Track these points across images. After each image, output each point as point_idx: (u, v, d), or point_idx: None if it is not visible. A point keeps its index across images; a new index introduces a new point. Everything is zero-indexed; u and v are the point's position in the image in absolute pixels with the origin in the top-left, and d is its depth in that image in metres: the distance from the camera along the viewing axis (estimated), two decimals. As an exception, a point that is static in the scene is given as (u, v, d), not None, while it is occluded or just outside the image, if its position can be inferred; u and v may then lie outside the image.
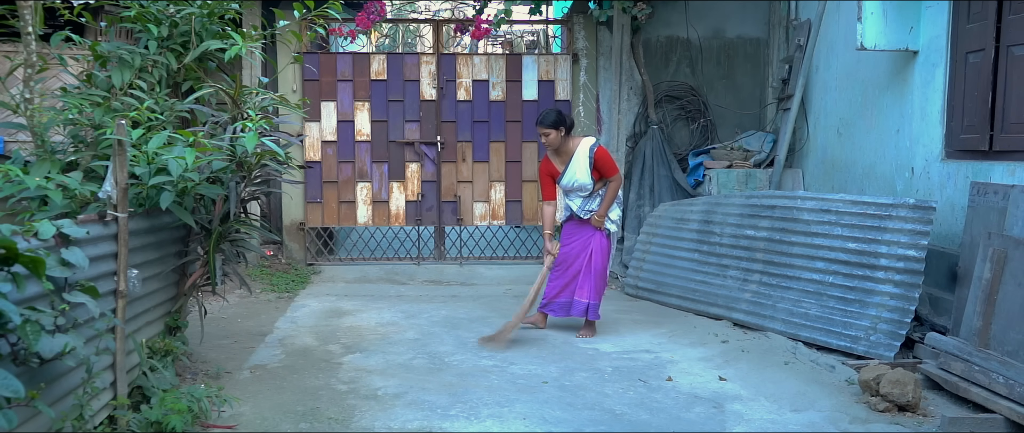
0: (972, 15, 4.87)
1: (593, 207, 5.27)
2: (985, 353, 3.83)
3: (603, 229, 5.30)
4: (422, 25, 11.97)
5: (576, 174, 5.19)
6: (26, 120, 3.75)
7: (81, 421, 2.86)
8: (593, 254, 5.28)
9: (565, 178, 5.25)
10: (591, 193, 5.25)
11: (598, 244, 5.29)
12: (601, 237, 5.30)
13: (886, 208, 4.84)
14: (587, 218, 5.29)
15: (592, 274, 5.26)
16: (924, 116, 5.32)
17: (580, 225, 5.35)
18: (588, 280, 5.26)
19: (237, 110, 4.20)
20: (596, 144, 5.22)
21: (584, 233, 5.32)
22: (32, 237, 2.61)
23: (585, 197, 5.27)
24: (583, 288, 5.27)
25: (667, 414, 3.84)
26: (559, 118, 5.16)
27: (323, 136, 7.64)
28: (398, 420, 3.70)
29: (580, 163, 5.18)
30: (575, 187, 5.24)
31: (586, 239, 5.31)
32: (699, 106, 7.96)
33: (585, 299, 5.27)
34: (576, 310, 5.28)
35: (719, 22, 7.98)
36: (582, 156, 5.18)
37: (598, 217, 5.24)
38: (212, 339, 4.93)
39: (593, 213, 5.27)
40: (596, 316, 5.29)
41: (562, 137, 5.18)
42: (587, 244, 5.30)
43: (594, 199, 5.27)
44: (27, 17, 3.67)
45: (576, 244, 5.34)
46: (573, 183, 5.22)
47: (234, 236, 4.19)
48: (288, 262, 7.53)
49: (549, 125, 5.14)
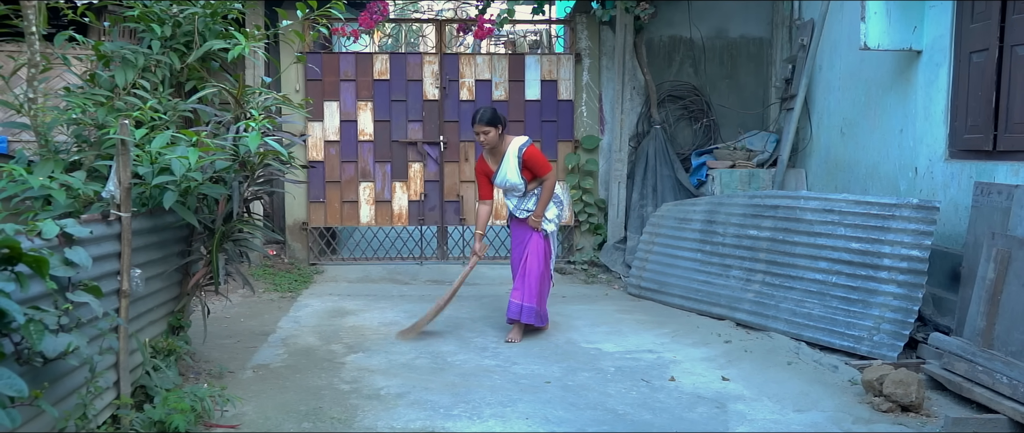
0: (976, 15, 4.86)
1: (529, 207, 5.19)
2: (989, 353, 3.83)
3: (540, 230, 5.17)
4: (425, 25, 11.97)
5: (507, 174, 5.11)
6: (30, 120, 3.76)
7: (84, 420, 2.86)
8: (528, 256, 5.17)
9: (498, 177, 5.17)
10: (525, 193, 5.18)
11: (533, 246, 5.17)
12: (537, 238, 5.18)
13: (889, 208, 4.84)
14: (524, 218, 5.21)
15: (525, 276, 5.12)
16: (928, 116, 5.31)
17: (518, 226, 5.29)
18: (522, 283, 5.12)
19: (240, 110, 4.20)
20: (526, 143, 5.13)
21: (522, 234, 5.26)
22: (36, 236, 2.62)
23: (519, 197, 5.20)
24: (517, 290, 5.13)
25: (670, 414, 3.83)
26: (495, 116, 5.05)
27: (326, 136, 7.64)
28: (401, 420, 3.71)
29: (510, 163, 5.10)
30: (507, 187, 5.17)
31: (524, 240, 5.23)
32: (702, 106, 7.96)
33: (518, 301, 5.11)
34: (512, 313, 5.12)
35: (722, 22, 7.97)
36: (512, 156, 5.10)
37: (534, 218, 5.14)
38: (215, 338, 4.94)
39: (530, 213, 5.18)
40: (531, 320, 5.10)
41: (499, 136, 5.08)
42: (525, 245, 5.21)
43: (529, 198, 5.19)
44: (31, 17, 3.67)
45: (518, 246, 5.27)
46: (505, 183, 5.15)
47: (237, 236, 4.20)
48: (291, 262, 7.54)
49: (487, 123, 5.03)
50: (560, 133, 7.79)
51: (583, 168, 7.74)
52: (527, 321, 5.11)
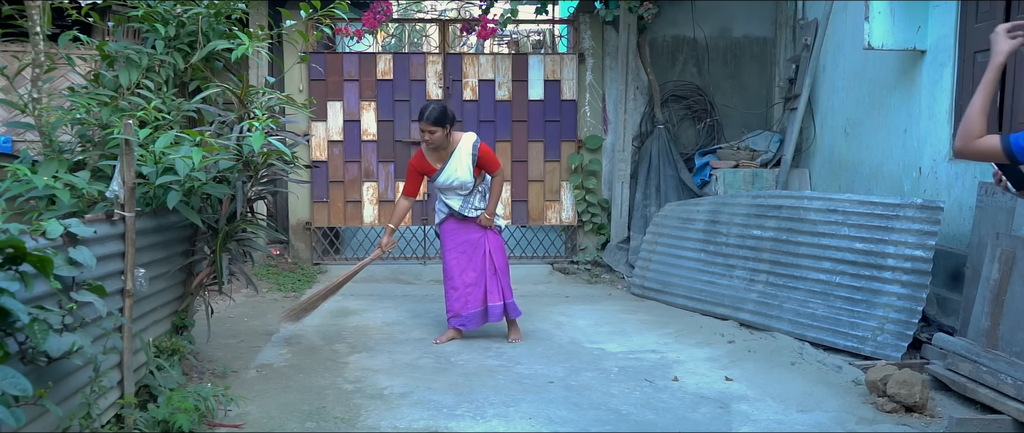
0: (980, 14, 4.85)
1: (478, 204, 5.01)
2: (993, 354, 3.82)
3: (494, 227, 5.07)
4: (428, 25, 11.97)
5: (456, 172, 4.90)
6: (34, 120, 3.76)
7: (88, 420, 2.87)
8: (492, 254, 5.02)
9: (442, 176, 4.94)
10: (472, 191, 5.00)
11: (493, 243, 5.04)
12: (493, 235, 5.06)
13: (893, 208, 4.83)
14: (474, 216, 5.02)
15: (498, 274, 5.02)
16: (932, 116, 5.29)
17: (462, 225, 5.06)
18: (495, 281, 5.01)
19: (244, 110, 4.20)
20: (479, 140, 4.97)
21: (469, 234, 5.05)
22: (40, 236, 2.62)
23: (465, 195, 5.00)
24: (493, 291, 5.00)
25: (673, 414, 3.83)
26: (443, 114, 4.81)
27: (329, 136, 7.65)
28: (404, 419, 3.71)
29: (462, 160, 4.90)
30: (454, 185, 4.95)
31: (476, 240, 5.04)
32: (705, 106, 7.95)
33: (499, 301, 5.01)
34: (494, 316, 5.03)
35: (726, 21, 7.96)
36: (464, 153, 4.90)
37: (488, 216, 5.00)
38: (218, 338, 4.95)
39: (480, 211, 5.01)
40: (517, 313, 5.11)
41: (446, 135, 4.86)
42: (478, 246, 5.04)
43: (475, 195, 5.01)
44: (35, 17, 3.68)
45: (463, 247, 5.05)
46: (452, 181, 4.93)
47: (240, 235, 4.20)
48: (294, 261, 7.55)
49: (434, 122, 4.79)
50: (563, 133, 7.79)
51: (586, 168, 7.74)
52: (514, 316, 5.09)
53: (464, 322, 5.05)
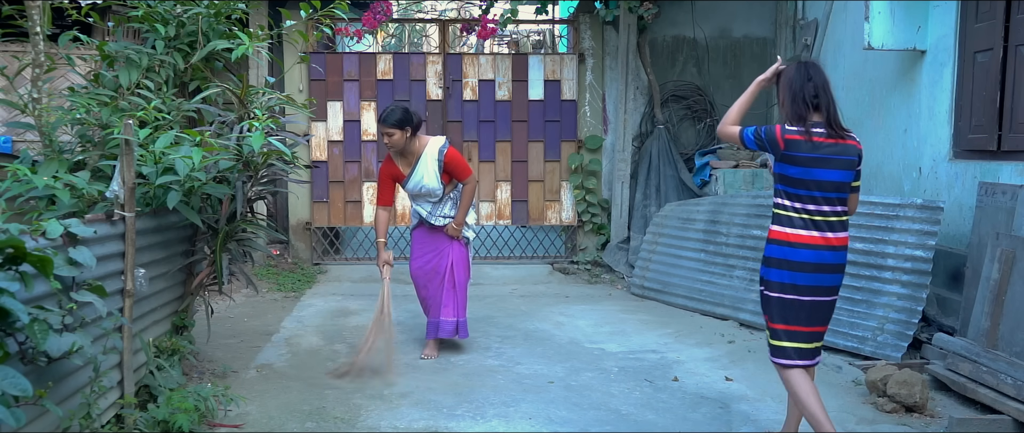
0: (980, 14, 4.85)
1: (447, 213, 4.76)
2: (993, 354, 3.82)
3: (461, 238, 4.82)
4: (428, 25, 11.97)
5: (423, 178, 4.64)
6: (34, 120, 3.77)
7: (88, 420, 2.87)
8: (454, 267, 4.77)
9: (411, 182, 4.68)
10: (441, 198, 4.74)
11: (457, 255, 4.79)
12: (459, 247, 4.81)
13: (893, 208, 4.83)
14: (441, 225, 4.76)
15: (456, 289, 4.77)
16: (932, 116, 5.29)
17: (431, 234, 4.81)
18: (452, 296, 4.75)
19: (244, 110, 4.20)
20: (446, 145, 4.70)
21: (437, 244, 4.79)
22: (40, 236, 2.62)
23: (434, 203, 4.75)
24: (448, 306, 4.74)
25: (673, 414, 3.83)
26: (405, 116, 4.53)
27: (329, 136, 7.65)
28: (404, 419, 3.71)
29: (428, 166, 4.64)
30: (423, 192, 4.69)
31: (440, 251, 4.78)
32: (705, 106, 7.95)
33: (452, 317, 4.75)
34: (445, 331, 4.74)
35: (726, 22, 7.96)
36: (430, 158, 4.64)
37: (455, 225, 4.73)
38: (218, 338, 4.95)
39: (449, 220, 4.75)
40: (465, 334, 4.84)
41: (408, 138, 4.58)
42: (443, 256, 4.78)
43: (445, 203, 4.75)
44: (35, 17, 3.68)
45: (429, 257, 4.80)
46: (420, 187, 4.67)
47: (241, 236, 4.20)
48: (294, 262, 7.55)
49: (393, 125, 4.50)
50: (563, 133, 7.79)
51: (586, 168, 7.74)
52: (463, 337, 4.84)
53: (429, 329, 4.84)
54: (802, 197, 3.08)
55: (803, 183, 3.07)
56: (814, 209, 3.08)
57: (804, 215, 3.08)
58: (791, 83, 3.19)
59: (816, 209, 3.08)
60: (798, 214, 3.09)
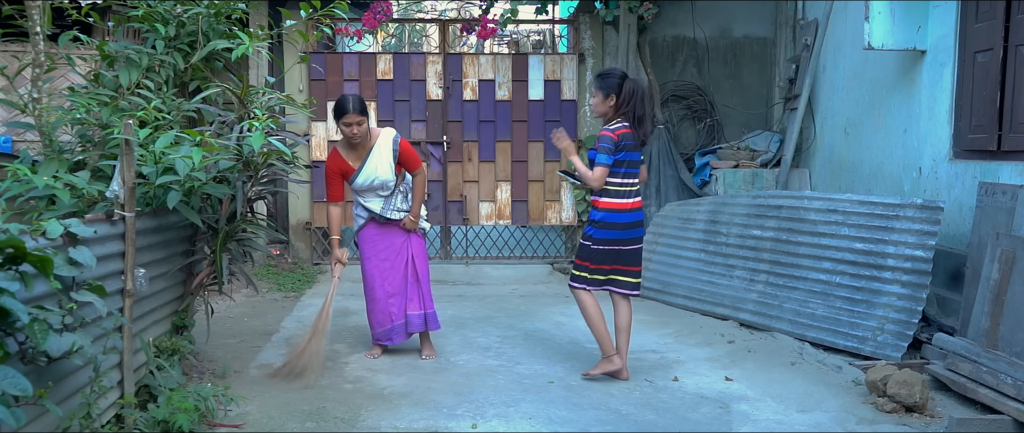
0: (980, 14, 4.85)
1: (400, 206, 4.65)
2: (993, 354, 3.82)
3: (418, 230, 4.73)
4: (428, 25, 11.99)
5: (377, 170, 4.51)
6: (34, 120, 3.76)
7: (88, 420, 2.87)
8: (414, 260, 4.68)
9: (362, 176, 4.52)
10: (393, 191, 4.62)
11: (417, 248, 4.69)
12: (417, 239, 4.71)
13: (893, 208, 4.83)
14: (396, 219, 4.65)
15: (420, 282, 4.68)
16: (932, 116, 5.29)
17: (383, 230, 4.68)
18: (416, 290, 4.67)
19: (244, 110, 4.20)
20: (399, 136, 4.60)
21: (392, 239, 4.67)
22: (40, 236, 2.62)
23: (386, 197, 4.62)
24: (413, 300, 4.66)
25: (673, 414, 3.83)
26: (364, 104, 4.47)
27: (330, 135, 7.64)
28: (404, 419, 3.71)
29: (382, 157, 4.51)
30: (375, 186, 4.55)
31: (398, 246, 4.67)
32: (705, 106, 7.95)
33: (419, 310, 4.67)
34: (414, 325, 4.67)
35: (726, 21, 7.96)
36: (384, 149, 4.51)
37: (413, 218, 4.63)
38: (219, 338, 4.95)
39: (404, 213, 4.65)
40: (437, 325, 4.76)
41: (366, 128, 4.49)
42: (401, 251, 4.67)
43: (396, 197, 4.63)
44: (35, 17, 3.68)
45: (386, 253, 4.67)
46: (372, 181, 4.53)
47: (241, 235, 4.20)
48: (294, 262, 7.55)
49: (361, 111, 4.41)
50: (563, 133, 7.78)
51: (586, 168, 7.73)
52: (433, 328, 4.76)
53: (389, 335, 4.70)
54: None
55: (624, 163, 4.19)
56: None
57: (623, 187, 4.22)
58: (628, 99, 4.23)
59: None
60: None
